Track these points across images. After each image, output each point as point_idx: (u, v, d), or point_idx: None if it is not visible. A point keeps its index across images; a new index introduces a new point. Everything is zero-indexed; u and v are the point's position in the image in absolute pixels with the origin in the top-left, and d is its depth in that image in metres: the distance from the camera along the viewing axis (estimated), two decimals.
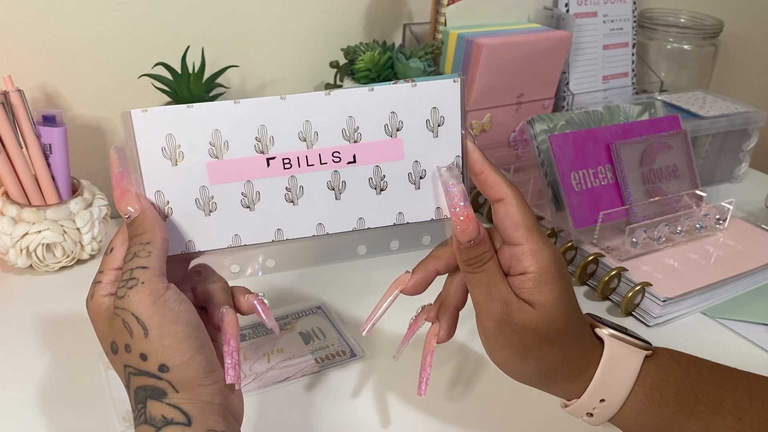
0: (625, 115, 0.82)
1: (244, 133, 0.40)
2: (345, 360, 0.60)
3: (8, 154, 0.66)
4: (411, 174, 0.43)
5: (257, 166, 0.41)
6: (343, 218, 0.43)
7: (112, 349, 0.39)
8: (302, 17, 0.86)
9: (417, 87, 0.41)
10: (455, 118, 0.42)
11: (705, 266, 0.74)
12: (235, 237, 0.42)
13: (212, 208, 0.41)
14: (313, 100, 0.40)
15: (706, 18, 1.08)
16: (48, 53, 0.74)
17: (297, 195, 0.42)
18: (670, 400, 0.43)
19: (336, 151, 0.41)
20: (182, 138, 0.40)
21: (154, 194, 0.41)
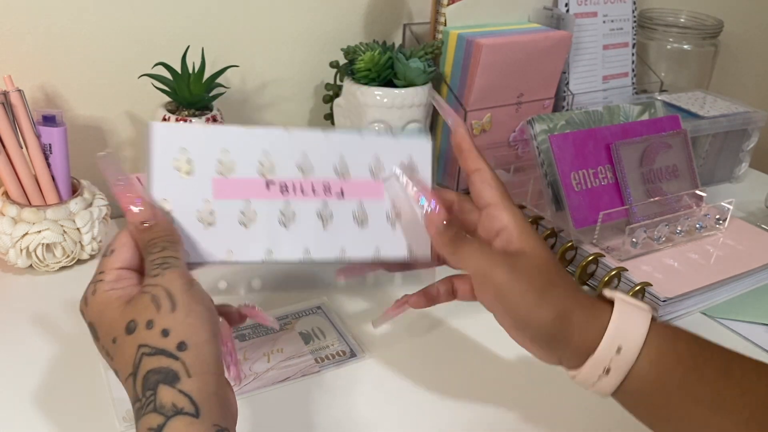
0: (625, 115, 0.82)
1: (250, 156, 0.43)
2: (345, 360, 0.60)
3: (8, 154, 0.66)
4: (388, 213, 0.48)
5: (258, 187, 0.44)
6: (327, 246, 0.46)
7: (128, 329, 0.39)
8: (302, 17, 0.86)
9: (398, 140, 0.47)
10: (426, 168, 0.48)
11: (705, 266, 0.74)
12: (229, 252, 0.44)
13: (211, 222, 0.43)
14: (313, 137, 0.45)
15: (706, 18, 1.08)
16: (48, 53, 0.74)
17: (289, 219, 0.45)
18: (682, 356, 0.43)
19: (327, 184, 0.46)
20: (194, 153, 0.43)
21: (160, 201, 0.43)
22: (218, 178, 0.43)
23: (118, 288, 0.42)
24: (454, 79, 0.82)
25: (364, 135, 0.46)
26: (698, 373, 0.43)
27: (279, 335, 0.62)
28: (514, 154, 0.88)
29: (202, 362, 0.38)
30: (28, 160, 0.67)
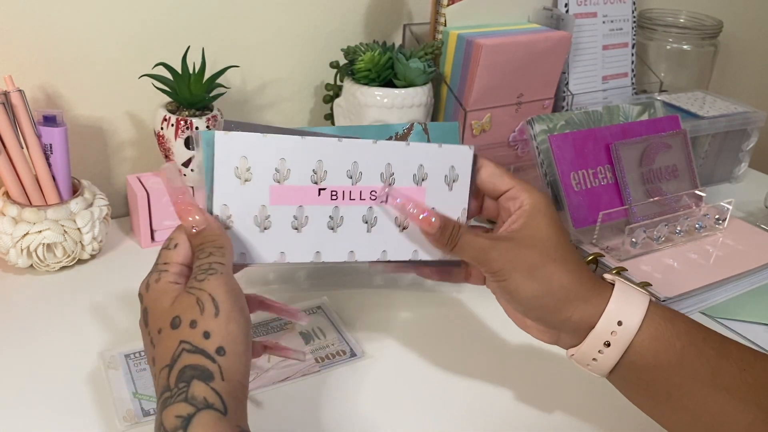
0: (624, 116, 0.82)
1: (304, 164, 0.46)
2: (345, 360, 0.60)
3: (9, 154, 0.66)
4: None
5: (311, 194, 0.46)
6: (370, 248, 0.49)
7: (173, 324, 0.41)
8: (302, 17, 0.86)
9: (442, 147, 0.49)
10: (466, 177, 0.50)
11: (705, 266, 0.74)
12: (281, 254, 0.47)
13: (267, 226, 0.46)
14: (362, 146, 0.47)
15: (706, 18, 1.08)
16: (49, 53, 0.74)
17: (338, 223, 0.48)
18: (681, 332, 0.44)
19: (373, 191, 0.48)
20: (254, 161, 0.45)
21: (221, 207, 0.45)
22: (275, 186, 0.45)
23: (180, 282, 0.43)
24: (454, 80, 0.82)
25: (411, 145, 0.49)
26: (697, 349, 0.44)
27: (279, 335, 0.63)
28: (513, 154, 0.88)
29: (236, 371, 0.40)
30: (28, 160, 0.67)
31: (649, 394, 0.45)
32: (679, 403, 0.44)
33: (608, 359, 0.45)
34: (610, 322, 0.44)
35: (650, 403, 0.46)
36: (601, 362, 0.45)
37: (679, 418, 0.45)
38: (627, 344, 0.44)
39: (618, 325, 0.44)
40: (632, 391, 0.46)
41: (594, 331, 0.44)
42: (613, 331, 0.44)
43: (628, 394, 0.47)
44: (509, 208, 0.48)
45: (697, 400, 0.43)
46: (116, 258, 0.73)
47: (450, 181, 0.50)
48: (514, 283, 0.45)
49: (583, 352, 0.46)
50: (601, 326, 0.44)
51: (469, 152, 0.50)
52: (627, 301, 0.45)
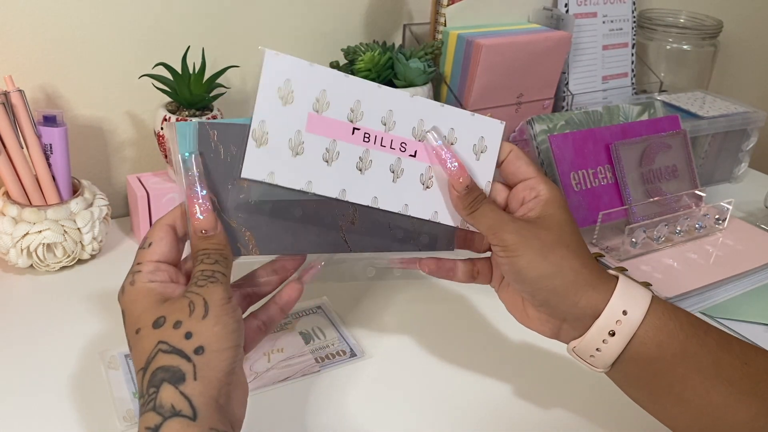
0: (624, 116, 0.82)
1: (343, 101, 0.47)
2: (345, 360, 0.60)
3: (9, 154, 0.66)
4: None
5: (345, 130, 0.47)
6: (394, 199, 0.49)
7: (156, 323, 0.41)
8: (302, 17, 0.86)
9: (474, 116, 0.50)
10: (494, 150, 0.50)
11: (704, 266, 0.74)
12: (308, 183, 0.47)
13: (299, 152, 0.46)
14: (400, 97, 0.48)
15: (706, 18, 1.08)
16: (48, 53, 0.74)
17: (366, 166, 0.48)
18: (683, 324, 0.45)
19: (404, 142, 0.49)
20: (297, 85, 0.46)
21: (260, 122, 0.45)
22: (313, 114, 0.46)
23: (156, 280, 0.43)
24: (454, 80, 0.82)
25: (445, 107, 0.50)
26: (700, 341, 0.44)
27: (279, 335, 0.63)
28: None
29: (213, 367, 0.40)
30: (28, 160, 0.67)
31: (651, 388, 0.45)
32: (681, 396, 0.44)
33: (611, 350, 0.44)
34: (616, 311, 0.44)
35: (652, 397, 0.46)
36: (603, 353, 0.45)
37: (681, 411, 0.45)
38: (631, 334, 0.44)
39: (623, 315, 0.44)
40: (634, 385, 0.46)
41: (599, 320, 0.44)
42: (618, 320, 0.44)
43: (629, 390, 0.47)
44: (524, 198, 0.49)
45: (699, 392, 0.43)
46: (116, 258, 0.73)
47: (478, 151, 0.50)
48: (526, 260, 0.45)
49: (586, 342, 0.45)
50: (606, 314, 0.44)
51: (500, 127, 0.51)
52: (631, 293, 0.45)
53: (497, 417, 0.55)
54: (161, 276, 0.44)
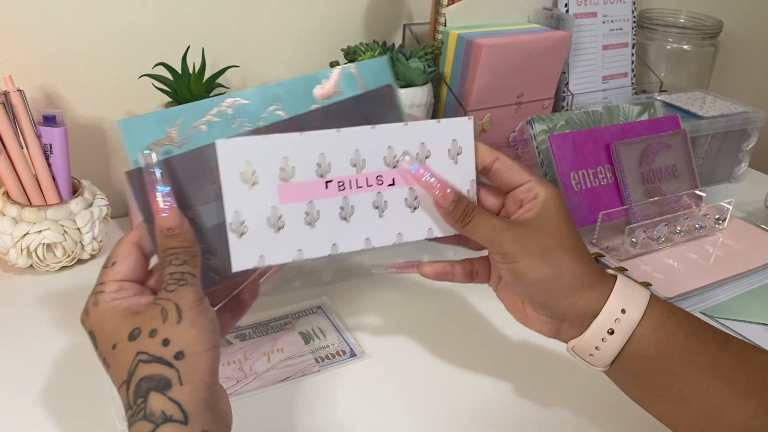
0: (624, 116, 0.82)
1: (307, 160, 0.46)
2: (345, 360, 0.60)
3: (9, 154, 0.66)
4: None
5: (317, 188, 0.47)
6: (385, 233, 0.49)
7: (131, 336, 0.40)
8: (302, 17, 0.86)
9: (440, 123, 0.49)
10: (470, 148, 0.50)
11: (704, 266, 0.74)
12: (299, 252, 0.47)
13: (281, 226, 0.46)
14: (361, 132, 0.47)
15: (706, 18, 1.08)
16: (48, 53, 0.74)
17: (349, 213, 0.48)
18: (682, 323, 0.45)
19: (379, 175, 0.48)
20: (258, 164, 0.45)
21: (233, 214, 0.45)
22: (282, 185, 0.46)
23: (120, 298, 0.43)
24: (454, 80, 0.82)
25: (409, 124, 0.49)
26: (698, 339, 0.44)
27: (279, 335, 0.63)
28: (513, 154, 0.88)
29: (196, 370, 0.40)
30: (28, 160, 0.68)
31: (650, 386, 0.45)
32: (680, 394, 0.44)
33: (610, 349, 0.45)
34: (615, 310, 0.44)
35: (651, 396, 0.46)
36: (603, 352, 0.45)
37: (679, 410, 0.45)
38: (630, 332, 0.44)
39: (622, 313, 0.44)
40: (632, 384, 0.47)
41: (598, 319, 0.45)
42: (617, 318, 0.44)
43: (628, 389, 0.47)
44: (522, 200, 0.48)
45: (698, 391, 0.44)
46: None
47: (454, 154, 0.50)
48: (525, 265, 0.45)
49: (586, 341, 0.45)
50: (605, 313, 0.44)
51: (469, 123, 0.50)
52: (629, 292, 0.45)
53: (497, 416, 0.55)
54: (125, 293, 0.43)
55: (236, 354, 0.60)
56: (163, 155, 0.46)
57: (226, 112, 0.48)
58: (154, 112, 0.47)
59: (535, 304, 0.47)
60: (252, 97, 0.49)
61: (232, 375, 0.57)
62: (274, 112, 0.49)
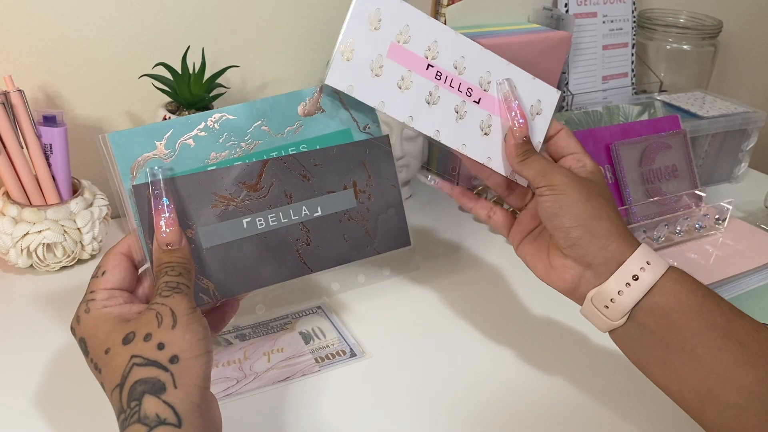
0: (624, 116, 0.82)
1: (423, 38, 0.51)
2: (345, 360, 0.60)
3: (9, 154, 0.66)
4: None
5: (420, 64, 0.51)
6: (454, 136, 0.52)
7: (125, 340, 0.41)
8: (302, 17, 0.86)
9: (535, 81, 0.55)
10: (548, 115, 0.54)
11: (704, 266, 0.74)
12: (381, 103, 0.50)
13: (378, 74, 0.50)
14: (473, 47, 0.52)
15: (706, 18, 1.08)
16: (48, 53, 0.74)
17: (434, 101, 0.52)
18: (700, 285, 0.47)
19: (470, 88, 0.53)
20: (385, 15, 0.49)
21: (349, 39, 0.49)
22: (395, 43, 0.50)
23: (110, 305, 0.44)
24: None
25: (511, 66, 0.54)
26: (715, 301, 0.46)
27: (279, 335, 0.63)
28: None
29: (190, 375, 0.40)
30: (28, 160, 0.68)
31: (664, 342, 0.46)
32: (693, 352, 0.45)
33: (631, 296, 0.46)
34: (641, 260, 0.46)
35: (662, 354, 0.46)
36: (622, 299, 0.46)
37: (690, 370, 0.45)
38: (653, 282, 0.46)
39: (647, 264, 0.46)
40: (645, 342, 0.47)
41: (626, 264, 0.47)
42: (642, 267, 0.46)
43: (638, 349, 0.48)
44: (571, 165, 0.52)
45: (712, 350, 0.44)
46: None
47: (534, 112, 0.54)
48: (571, 198, 0.48)
49: (607, 288, 0.47)
50: (632, 260, 0.47)
51: (556, 95, 0.55)
52: (653, 253, 0.48)
53: (497, 416, 0.55)
54: (115, 302, 0.44)
55: (236, 354, 0.60)
56: (168, 174, 0.47)
57: (213, 128, 0.50)
58: (142, 126, 0.48)
59: (569, 241, 0.48)
60: (238, 112, 0.51)
61: (232, 375, 0.57)
62: (260, 128, 0.51)
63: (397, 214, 0.55)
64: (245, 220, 0.49)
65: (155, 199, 0.46)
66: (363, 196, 0.53)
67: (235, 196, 0.49)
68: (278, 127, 0.51)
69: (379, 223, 0.54)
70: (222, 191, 0.49)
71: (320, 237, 0.52)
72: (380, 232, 0.54)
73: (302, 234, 0.51)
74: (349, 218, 0.53)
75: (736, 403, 0.44)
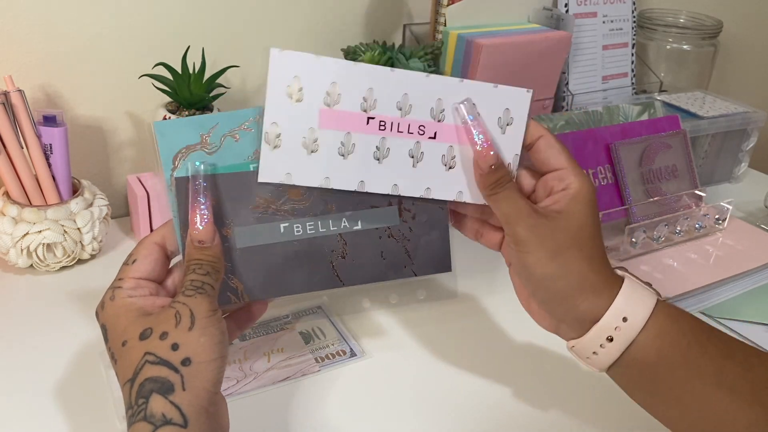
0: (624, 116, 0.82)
1: (355, 91, 0.46)
2: (345, 360, 0.60)
3: (9, 154, 0.66)
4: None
5: (359, 121, 0.47)
6: (415, 185, 0.48)
7: (142, 335, 0.41)
8: (302, 17, 0.86)
9: (498, 88, 0.48)
10: (522, 122, 0.48)
11: (704, 266, 0.74)
12: (326, 179, 0.47)
13: (314, 149, 0.46)
14: (415, 78, 0.47)
15: (706, 18, 1.08)
16: (48, 53, 0.74)
17: (383, 155, 0.47)
18: (686, 331, 0.44)
19: (422, 125, 0.48)
20: (306, 82, 0.46)
21: (271, 125, 0.45)
22: (325, 108, 0.46)
23: (136, 295, 0.43)
24: None
25: (465, 81, 0.48)
26: (702, 348, 0.44)
27: (279, 335, 0.63)
28: None
29: (200, 378, 0.40)
30: (28, 160, 0.68)
31: (651, 390, 0.45)
32: (681, 400, 0.44)
33: (609, 354, 0.44)
34: (616, 318, 0.44)
35: (652, 400, 0.46)
36: (601, 357, 0.45)
37: (679, 414, 0.44)
38: (630, 340, 0.44)
39: (623, 321, 0.44)
40: (633, 387, 0.46)
41: (598, 325, 0.44)
42: (617, 326, 0.44)
43: (629, 390, 0.47)
44: (552, 188, 0.47)
45: (700, 399, 0.43)
46: (116, 258, 0.73)
47: (504, 124, 0.48)
48: (534, 258, 0.45)
49: (584, 344, 0.45)
50: (605, 321, 0.44)
51: (527, 96, 0.49)
52: (634, 298, 0.44)
53: (497, 417, 0.55)
54: (141, 291, 0.44)
55: (236, 354, 0.60)
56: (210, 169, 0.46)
57: (259, 123, 0.48)
58: (189, 117, 0.47)
59: (537, 298, 0.47)
60: None
61: (232, 375, 0.57)
62: None
63: (441, 237, 0.51)
64: (283, 225, 0.48)
65: (194, 193, 0.45)
66: (407, 214, 0.50)
67: (276, 200, 0.48)
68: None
69: (420, 244, 0.51)
70: (263, 193, 0.47)
71: (357, 251, 0.50)
72: (420, 254, 0.51)
73: (339, 246, 0.49)
74: (389, 236, 0.50)
75: None
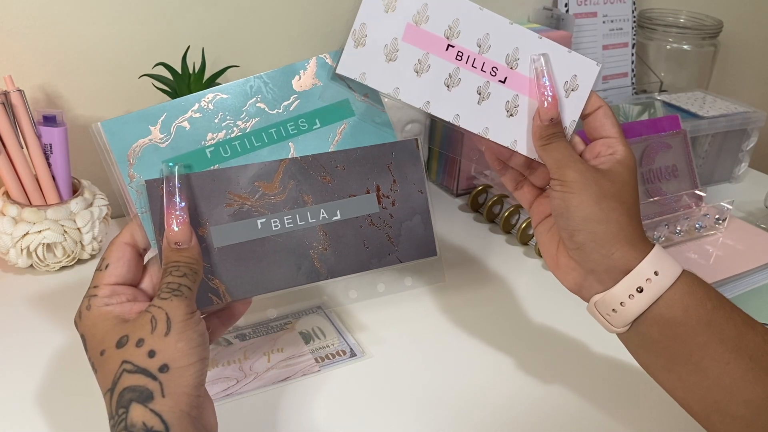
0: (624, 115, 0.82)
1: (443, 17, 0.48)
2: (345, 360, 0.60)
3: (9, 154, 0.66)
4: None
5: (439, 45, 0.48)
6: (475, 120, 0.50)
7: (119, 343, 0.40)
8: (302, 17, 0.86)
9: (571, 54, 0.50)
10: (586, 91, 0.50)
11: (704, 266, 0.74)
12: (396, 89, 0.48)
13: (392, 58, 0.48)
14: (499, 22, 0.49)
15: (706, 18, 1.08)
16: (48, 53, 0.74)
17: (454, 83, 0.49)
18: (711, 296, 0.45)
19: (495, 67, 0.49)
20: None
21: (360, 24, 0.48)
22: (411, 24, 0.48)
23: (112, 303, 0.43)
24: None
25: (543, 39, 0.50)
26: (726, 313, 0.44)
27: (279, 335, 0.63)
28: None
29: (180, 384, 0.40)
30: (28, 160, 0.68)
31: (669, 353, 0.45)
32: (699, 364, 0.44)
33: (635, 307, 0.44)
34: (649, 269, 0.44)
35: (667, 364, 0.45)
36: (626, 309, 0.45)
37: (695, 381, 0.44)
38: (659, 294, 0.44)
39: (654, 275, 0.44)
40: (650, 350, 0.46)
41: (630, 275, 0.45)
42: (648, 278, 0.44)
43: (644, 354, 0.47)
44: (599, 152, 0.49)
45: (719, 363, 0.43)
46: None
47: (569, 88, 0.50)
48: (579, 199, 0.46)
49: (611, 296, 0.45)
50: (639, 269, 0.45)
51: (596, 68, 0.51)
52: (665, 259, 0.45)
53: (497, 417, 0.55)
54: (118, 299, 0.43)
55: (236, 354, 0.60)
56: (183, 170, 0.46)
57: (207, 108, 0.49)
58: (135, 112, 0.47)
59: (573, 244, 0.47)
60: (231, 91, 0.50)
61: (232, 375, 0.57)
62: (256, 105, 0.50)
63: (423, 222, 0.52)
64: (260, 221, 0.48)
65: (168, 195, 0.44)
66: (386, 201, 0.51)
67: (251, 196, 0.48)
68: (274, 103, 0.50)
69: (403, 230, 0.51)
70: (237, 190, 0.47)
71: (338, 242, 0.49)
72: (404, 240, 0.51)
73: (319, 238, 0.49)
74: (370, 224, 0.50)
75: (742, 416, 0.43)
